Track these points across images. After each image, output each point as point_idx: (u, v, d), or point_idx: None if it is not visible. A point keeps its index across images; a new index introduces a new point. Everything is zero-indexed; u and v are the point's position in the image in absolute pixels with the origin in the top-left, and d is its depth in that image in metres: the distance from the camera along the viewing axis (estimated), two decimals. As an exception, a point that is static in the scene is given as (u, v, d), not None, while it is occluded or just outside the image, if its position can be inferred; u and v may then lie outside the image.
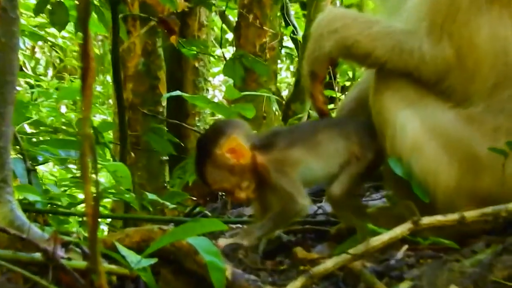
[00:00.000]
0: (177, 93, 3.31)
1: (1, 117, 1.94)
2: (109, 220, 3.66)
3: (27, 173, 2.72)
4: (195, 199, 3.77)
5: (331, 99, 5.33)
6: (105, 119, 6.19)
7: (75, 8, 3.53)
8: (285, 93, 7.34)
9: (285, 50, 7.22)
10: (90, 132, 1.19)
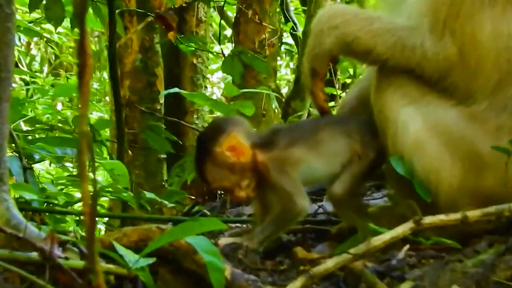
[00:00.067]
0: (175, 90, 3.28)
1: (-4, 115, 1.92)
2: (107, 219, 3.65)
3: (23, 171, 2.70)
4: (193, 197, 3.75)
5: (332, 97, 5.32)
6: (102, 117, 6.17)
7: (71, 3, 3.50)
8: (284, 90, 7.33)
9: (285, 46, 7.21)
10: (87, 130, 1.17)
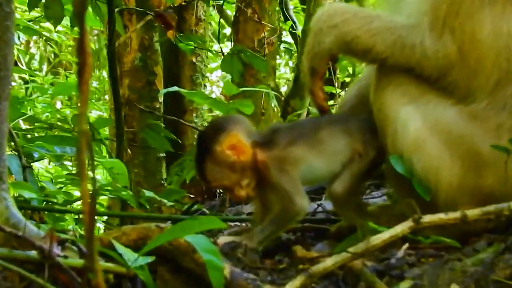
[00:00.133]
0: (175, 88, 3.29)
1: (-4, 113, 1.92)
2: (106, 217, 3.65)
3: (23, 170, 2.70)
4: (192, 196, 3.75)
5: (331, 95, 5.31)
6: (101, 115, 6.16)
7: (71, 2, 3.49)
8: (284, 89, 7.31)
9: (284, 45, 7.19)
10: (86, 128, 1.16)
